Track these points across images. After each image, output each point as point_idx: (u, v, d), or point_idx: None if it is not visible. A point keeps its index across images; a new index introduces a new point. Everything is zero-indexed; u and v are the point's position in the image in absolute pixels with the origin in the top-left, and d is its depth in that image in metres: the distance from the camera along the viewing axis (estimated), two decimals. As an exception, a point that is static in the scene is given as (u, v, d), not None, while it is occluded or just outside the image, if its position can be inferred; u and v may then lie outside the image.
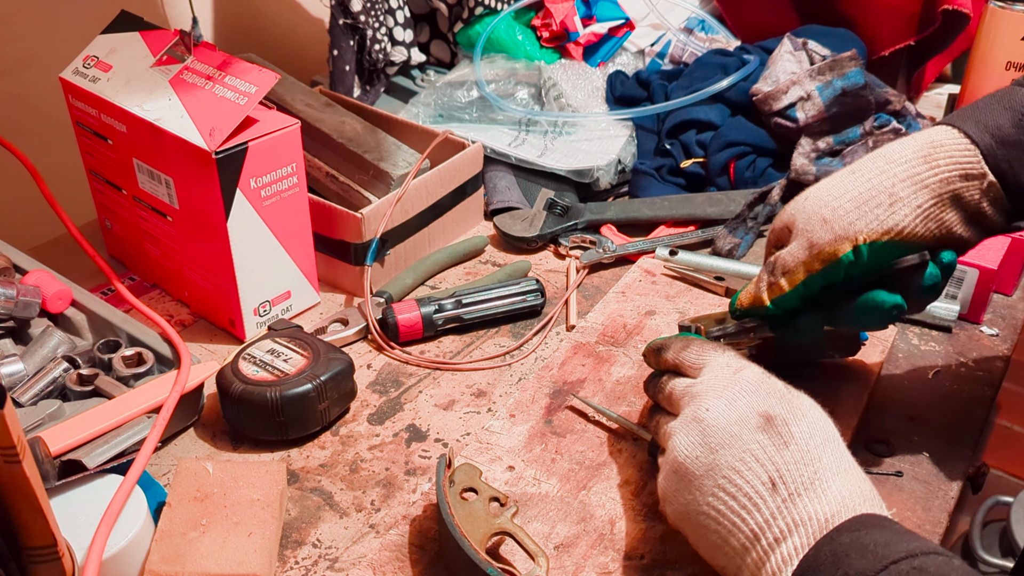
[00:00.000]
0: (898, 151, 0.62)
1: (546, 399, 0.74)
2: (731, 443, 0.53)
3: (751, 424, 0.54)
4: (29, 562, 0.50)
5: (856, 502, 0.50)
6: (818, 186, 0.65)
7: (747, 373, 0.57)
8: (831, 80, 0.98)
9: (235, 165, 0.75)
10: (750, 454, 0.52)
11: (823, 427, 0.53)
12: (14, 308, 0.74)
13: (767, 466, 0.52)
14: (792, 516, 0.50)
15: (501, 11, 1.18)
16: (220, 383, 0.71)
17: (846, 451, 0.53)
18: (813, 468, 0.51)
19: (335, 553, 0.63)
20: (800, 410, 0.54)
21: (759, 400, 0.55)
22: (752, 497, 0.51)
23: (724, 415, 0.55)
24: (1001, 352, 0.81)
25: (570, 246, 0.95)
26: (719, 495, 0.53)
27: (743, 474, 0.52)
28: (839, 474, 0.51)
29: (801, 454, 0.52)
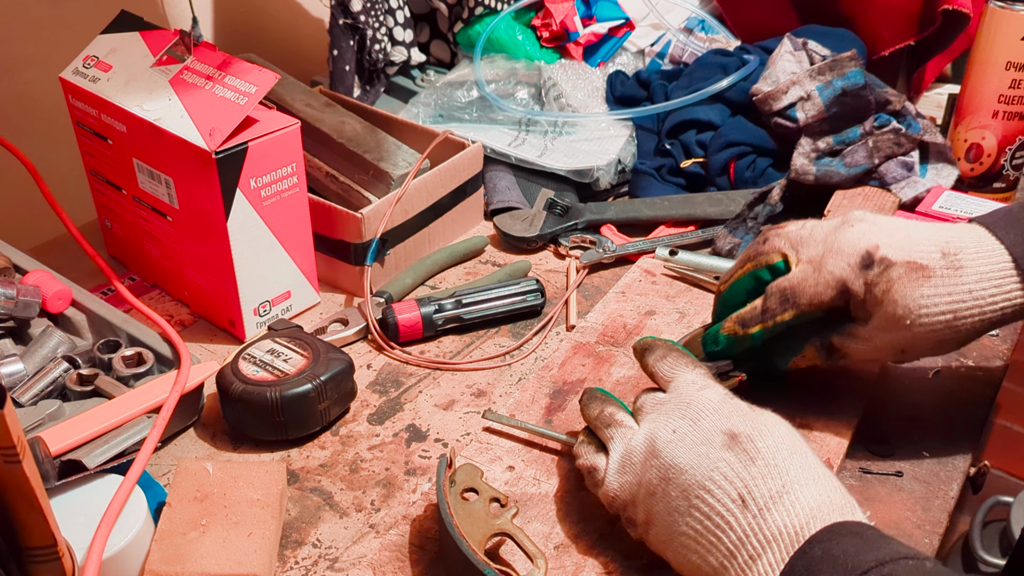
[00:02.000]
0: (992, 303, 0.62)
1: (546, 399, 0.74)
2: (700, 463, 0.54)
3: (716, 443, 0.54)
4: (29, 562, 0.50)
5: (826, 511, 0.50)
6: (915, 307, 0.62)
7: (709, 393, 0.58)
8: (831, 80, 0.98)
9: (235, 165, 0.75)
10: (718, 472, 0.53)
11: (789, 440, 0.54)
12: (14, 308, 0.74)
13: (735, 483, 0.52)
14: (764, 532, 0.50)
15: (501, 11, 1.18)
16: (220, 383, 0.71)
17: (815, 461, 0.53)
18: (781, 481, 0.51)
19: (335, 553, 0.63)
20: (765, 426, 0.54)
21: (721, 419, 0.55)
22: (724, 515, 0.52)
23: (690, 436, 0.55)
24: (1001, 352, 0.81)
25: (570, 246, 0.95)
26: (694, 514, 0.53)
27: (713, 493, 0.52)
28: (807, 484, 0.51)
29: (768, 468, 0.52)
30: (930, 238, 0.63)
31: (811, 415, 0.71)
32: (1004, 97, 0.98)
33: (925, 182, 0.97)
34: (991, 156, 1.02)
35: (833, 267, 0.63)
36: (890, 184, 0.96)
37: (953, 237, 0.63)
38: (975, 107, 1.00)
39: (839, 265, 0.63)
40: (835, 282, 0.63)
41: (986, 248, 0.62)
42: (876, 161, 0.96)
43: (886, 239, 0.63)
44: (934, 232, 0.64)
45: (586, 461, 0.62)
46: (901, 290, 0.62)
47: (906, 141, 0.96)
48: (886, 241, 0.63)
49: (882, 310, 0.63)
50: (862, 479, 0.68)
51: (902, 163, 0.97)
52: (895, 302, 0.62)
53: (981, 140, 1.01)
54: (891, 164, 0.97)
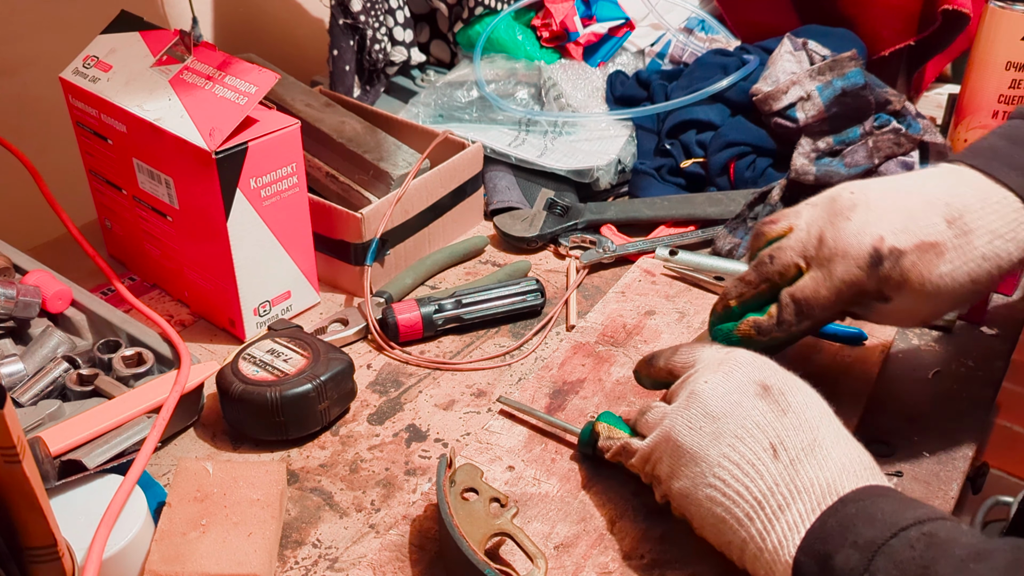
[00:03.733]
0: (1007, 252, 0.61)
1: (546, 399, 0.74)
2: (732, 411, 0.54)
3: (750, 392, 0.55)
4: (29, 562, 0.50)
5: (857, 469, 0.50)
6: (934, 283, 0.61)
7: (739, 352, 0.59)
8: (831, 80, 0.98)
9: (235, 165, 0.75)
10: (751, 420, 0.53)
11: (818, 401, 0.55)
12: (14, 308, 0.74)
13: (768, 431, 0.52)
14: (795, 482, 0.50)
15: (501, 11, 1.18)
16: (220, 383, 0.71)
17: (842, 426, 0.54)
18: (812, 435, 0.52)
19: (335, 553, 0.63)
20: (796, 383, 0.56)
21: (754, 371, 0.56)
22: (755, 464, 0.52)
23: (723, 385, 0.56)
24: (1001, 352, 0.81)
25: (570, 246, 0.95)
26: (724, 464, 0.53)
27: (745, 440, 0.53)
28: (838, 443, 0.52)
29: (799, 421, 0.52)
30: (930, 205, 0.62)
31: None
32: (1004, 97, 0.98)
33: (925, 182, 0.97)
34: (991, 156, 1.02)
35: (843, 273, 0.62)
36: (890, 184, 0.96)
37: (953, 198, 0.62)
38: (975, 107, 1.00)
39: (849, 270, 0.62)
40: (848, 287, 0.62)
41: (989, 198, 0.61)
42: (876, 161, 0.96)
43: (887, 225, 0.61)
44: (930, 196, 0.62)
45: (621, 442, 0.63)
46: (918, 276, 0.61)
47: (906, 141, 0.96)
48: (888, 228, 0.61)
49: (901, 295, 0.62)
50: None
51: (902, 163, 0.97)
52: (914, 288, 0.61)
53: (981, 140, 1.01)
54: (891, 164, 0.97)
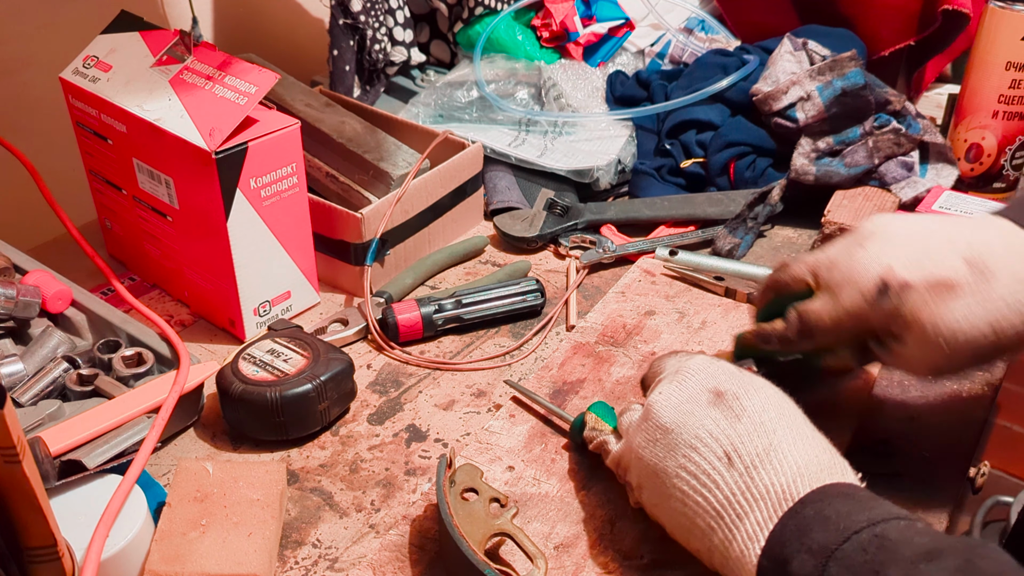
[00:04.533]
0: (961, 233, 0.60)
1: (546, 399, 0.74)
2: (685, 420, 0.54)
3: (702, 400, 0.54)
4: (29, 562, 0.50)
5: (814, 471, 0.50)
6: (949, 326, 0.57)
7: (695, 359, 0.59)
8: (831, 80, 0.98)
9: (235, 165, 0.75)
10: (704, 429, 0.53)
11: (777, 401, 0.54)
12: (14, 308, 0.74)
13: (721, 440, 0.52)
14: (751, 491, 0.50)
15: (501, 11, 1.18)
16: (220, 383, 0.71)
17: (804, 423, 0.53)
18: (767, 440, 0.51)
19: (335, 553, 0.63)
20: (752, 385, 0.55)
21: (707, 378, 0.56)
22: (710, 474, 0.52)
23: (676, 395, 0.56)
24: (1001, 352, 0.81)
25: (570, 246, 0.95)
26: (681, 475, 0.53)
27: (699, 450, 0.52)
28: (795, 444, 0.51)
29: (754, 426, 0.52)
30: (950, 244, 0.59)
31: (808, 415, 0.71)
32: (1004, 97, 0.98)
33: (925, 182, 0.97)
34: (991, 156, 1.02)
35: (848, 301, 0.60)
36: (890, 184, 0.96)
37: (976, 239, 0.59)
38: (975, 107, 1.00)
39: (854, 298, 0.60)
40: (850, 317, 0.60)
41: (1016, 244, 0.58)
42: (876, 161, 0.96)
43: (902, 256, 0.59)
44: (954, 235, 0.59)
45: (601, 438, 0.64)
46: (929, 314, 0.57)
47: (906, 141, 0.96)
48: (902, 259, 0.59)
49: (913, 335, 0.58)
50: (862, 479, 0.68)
51: (902, 163, 0.97)
52: (924, 328, 0.57)
53: (981, 140, 1.01)
54: (891, 164, 0.97)
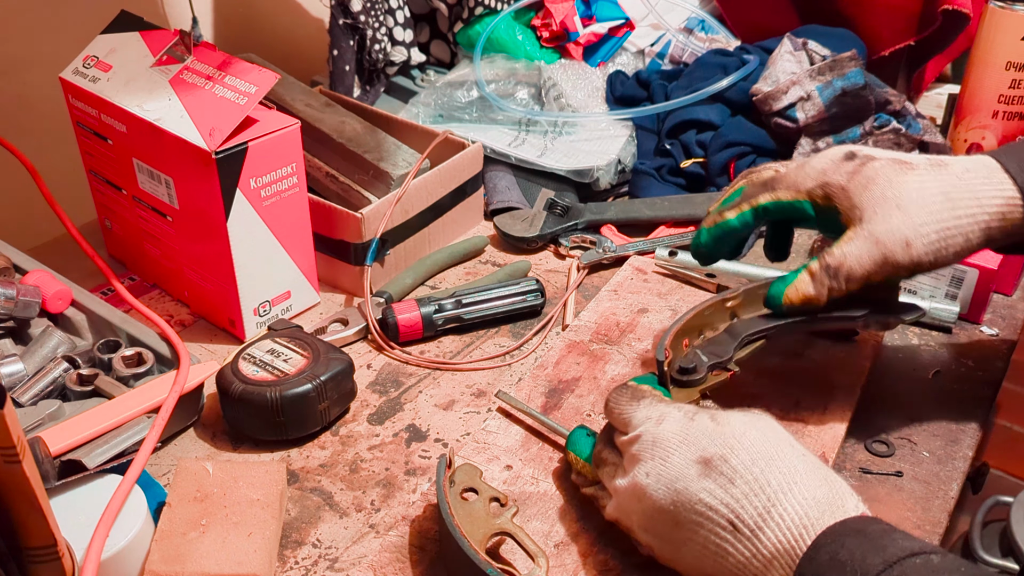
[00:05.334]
0: (985, 193, 0.62)
1: (542, 398, 0.74)
2: (681, 499, 0.54)
3: (692, 474, 0.54)
4: (29, 562, 0.50)
5: (816, 515, 0.50)
6: (910, 185, 0.62)
7: (668, 425, 0.57)
8: (831, 80, 0.98)
9: (235, 165, 0.75)
10: (702, 504, 0.53)
11: (762, 447, 0.53)
12: (14, 308, 0.74)
13: (721, 510, 0.52)
14: (761, 554, 0.50)
15: (501, 11, 1.18)
16: (220, 383, 0.71)
17: (796, 459, 0.53)
18: (764, 496, 0.51)
19: (335, 553, 0.63)
20: (734, 438, 0.54)
21: (689, 450, 0.55)
22: (719, 543, 0.52)
23: (664, 475, 0.55)
24: (1001, 352, 0.81)
25: (570, 246, 0.95)
26: (691, 548, 0.54)
27: (704, 525, 0.53)
28: (791, 491, 0.51)
29: (748, 486, 0.52)
30: (915, 154, 0.66)
31: (804, 411, 0.71)
32: (1004, 97, 0.98)
33: (925, 182, 0.96)
34: (991, 156, 1.02)
35: (816, 162, 0.66)
36: (890, 184, 0.96)
37: (938, 155, 0.66)
38: (975, 107, 1.00)
39: (821, 161, 0.66)
40: (816, 173, 0.65)
41: (971, 158, 0.64)
42: (876, 161, 0.96)
43: (867, 148, 0.66)
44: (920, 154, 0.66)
45: (587, 491, 0.64)
46: (886, 175, 0.63)
47: (906, 141, 0.96)
48: (866, 148, 0.66)
49: (869, 194, 0.63)
50: (862, 479, 0.68)
51: (902, 163, 0.97)
52: (881, 185, 0.62)
53: (981, 140, 1.01)
54: (891, 164, 0.96)
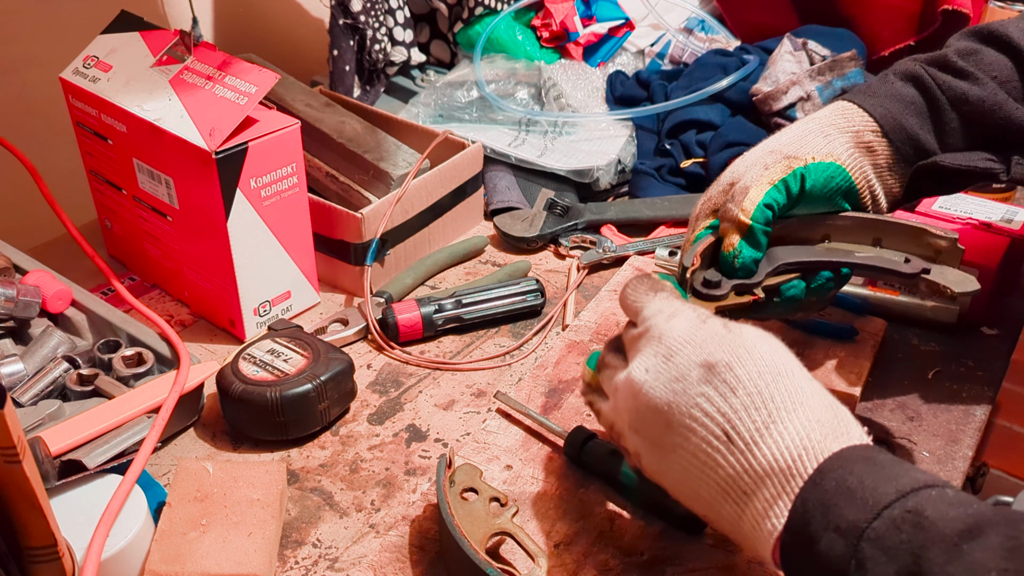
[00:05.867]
0: (815, 114, 0.68)
1: (542, 398, 0.75)
2: (677, 401, 0.51)
3: (693, 377, 0.51)
4: (29, 562, 0.50)
5: (818, 438, 0.48)
6: (750, 150, 0.67)
7: (678, 322, 0.54)
8: (831, 80, 0.98)
9: (235, 165, 0.75)
10: (698, 409, 0.50)
11: (771, 360, 0.51)
12: (14, 308, 0.74)
13: (717, 419, 0.49)
14: (754, 469, 0.48)
15: (501, 11, 1.18)
16: (220, 383, 0.71)
17: (802, 379, 0.50)
18: (766, 411, 0.49)
19: (335, 553, 0.63)
20: (743, 348, 0.51)
21: (695, 350, 0.52)
22: (710, 454, 0.49)
23: (664, 373, 0.52)
24: (1001, 352, 0.81)
25: (570, 246, 0.95)
26: (681, 454, 0.51)
27: (696, 432, 0.50)
28: (795, 411, 0.48)
29: (750, 398, 0.49)
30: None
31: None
32: (1004, 97, 0.98)
33: (925, 182, 0.97)
34: (991, 156, 1.02)
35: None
36: (890, 184, 0.96)
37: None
38: (975, 107, 1.00)
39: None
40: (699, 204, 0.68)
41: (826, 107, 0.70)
42: (876, 161, 0.96)
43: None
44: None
45: (587, 396, 0.62)
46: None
47: (906, 141, 0.96)
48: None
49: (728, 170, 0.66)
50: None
51: (902, 163, 0.97)
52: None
53: (981, 140, 1.01)
54: (891, 164, 0.96)
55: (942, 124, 0.68)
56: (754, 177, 0.63)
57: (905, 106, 0.67)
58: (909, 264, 0.62)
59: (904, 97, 0.68)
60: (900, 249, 0.64)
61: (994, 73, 0.67)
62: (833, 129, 0.67)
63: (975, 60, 0.68)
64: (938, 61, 0.69)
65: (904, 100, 0.68)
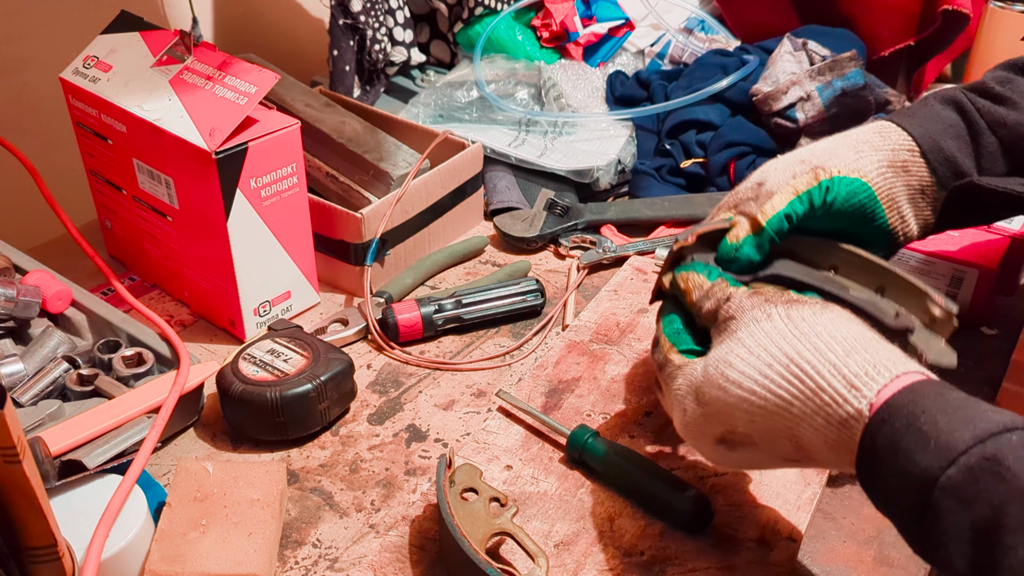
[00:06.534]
0: (853, 130, 0.67)
1: (542, 398, 0.75)
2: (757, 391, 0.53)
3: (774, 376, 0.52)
4: (29, 562, 0.50)
5: (874, 372, 0.48)
6: (784, 155, 0.67)
7: (773, 323, 0.55)
8: (831, 80, 0.98)
9: (235, 165, 0.75)
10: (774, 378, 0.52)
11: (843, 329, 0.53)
12: (14, 308, 0.74)
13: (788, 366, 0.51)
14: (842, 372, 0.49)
15: (501, 11, 1.18)
16: (220, 383, 0.71)
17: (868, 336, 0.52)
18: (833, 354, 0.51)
19: (335, 553, 0.63)
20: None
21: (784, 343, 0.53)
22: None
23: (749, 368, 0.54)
24: (1001, 352, 0.81)
25: (570, 246, 0.95)
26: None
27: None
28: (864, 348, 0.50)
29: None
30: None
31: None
32: (1004, 97, 0.98)
33: (925, 182, 0.97)
34: (991, 156, 1.02)
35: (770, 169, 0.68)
36: (890, 184, 0.96)
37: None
38: (975, 107, 1.00)
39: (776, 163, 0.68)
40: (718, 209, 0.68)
41: (865, 125, 0.68)
42: (876, 161, 0.96)
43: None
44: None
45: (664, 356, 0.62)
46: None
47: (906, 141, 0.96)
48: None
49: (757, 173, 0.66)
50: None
51: (902, 163, 0.97)
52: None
53: (981, 140, 1.01)
54: (891, 164, 0.96)
55: (980, 147, 0.67)
56: (780, 183, 0.63)
57: (944, 128, 0.67)
58: (897, 319, 0.62)
59: (944, 119, 0.67)
60: (899, 302, 0.63)
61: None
62: (867, 147, 0.66)
63: (1012, 87, 0.67)
64: (977, 88, 0.69)
65: (944, 122, 0.67)
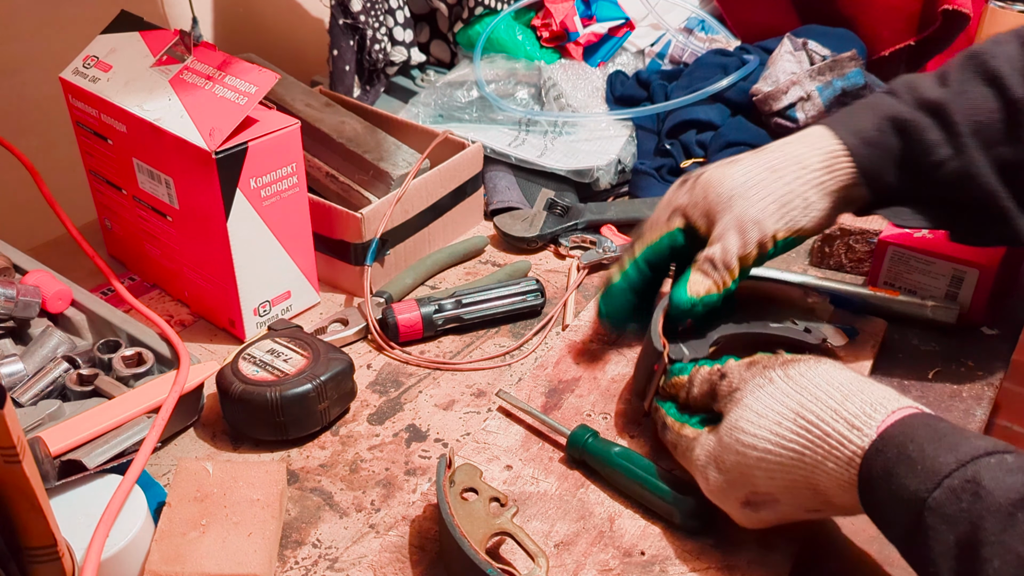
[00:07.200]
0: (807, 157, 0.70)
1: (542, 398, 0.75)
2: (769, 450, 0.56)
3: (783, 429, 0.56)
4: (29, 562, 0.50)
5: (870, 410, 0.51)
6: (737, 176, 0.70)
7: (774, 388, 0.59)
8: (831, 80, 0.98)
9: (235, 165, 0.75)
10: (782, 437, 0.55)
11: (835, 375, 0.56)
12: (14, 308, 0.74)
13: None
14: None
15: (501, 11, 1.18)
16: (220, 383, 0.71)
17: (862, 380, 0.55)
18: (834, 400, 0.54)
19: (335, 553, 0.63)
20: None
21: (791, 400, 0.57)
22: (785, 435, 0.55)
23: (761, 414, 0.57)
24: (1001, 352, 0.81)
25: (570, 246, 0.95)
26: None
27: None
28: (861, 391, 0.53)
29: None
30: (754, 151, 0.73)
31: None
32: (1004, 97, 0.98)
33: (925, 182, 0.97)
34: (991, 156, 1.02)
35: (663, 198, 0.74)
36: (890, 184, 0.96)
37: (776, 143, 0.72)
38: (975, 107, 1.00)
39: (666, 195, 0.74)
40: (665, 204, 0.73)
41: (799, 132, 0.72)
42: (876, 161, 0.96)
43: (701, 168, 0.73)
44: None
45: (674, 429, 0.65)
46: (716, 176, 0.70)
47: (906, 141, 0.96)
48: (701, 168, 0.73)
49: (710, 198, 0.70)
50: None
51: (902, 163, 0.97)
52: (715, 186, 0.70)
53: (981, 140, 1.01)
54: (891, 164, 0.96)
55: (920, 181, 0.70)
56: (735, 243, 0.68)
57: (891, 158, 0.70)
58: (810, 335, 0.74)
59: (891, 149, 0.70)
60: (795, 318, 0.76)
61: (977, 117, 0.68)
62: (817, 192, 0.69)
63: (963, 102, 0.68)
64: (930, 106, 0.69)
65: (891, 152, 0.70)
